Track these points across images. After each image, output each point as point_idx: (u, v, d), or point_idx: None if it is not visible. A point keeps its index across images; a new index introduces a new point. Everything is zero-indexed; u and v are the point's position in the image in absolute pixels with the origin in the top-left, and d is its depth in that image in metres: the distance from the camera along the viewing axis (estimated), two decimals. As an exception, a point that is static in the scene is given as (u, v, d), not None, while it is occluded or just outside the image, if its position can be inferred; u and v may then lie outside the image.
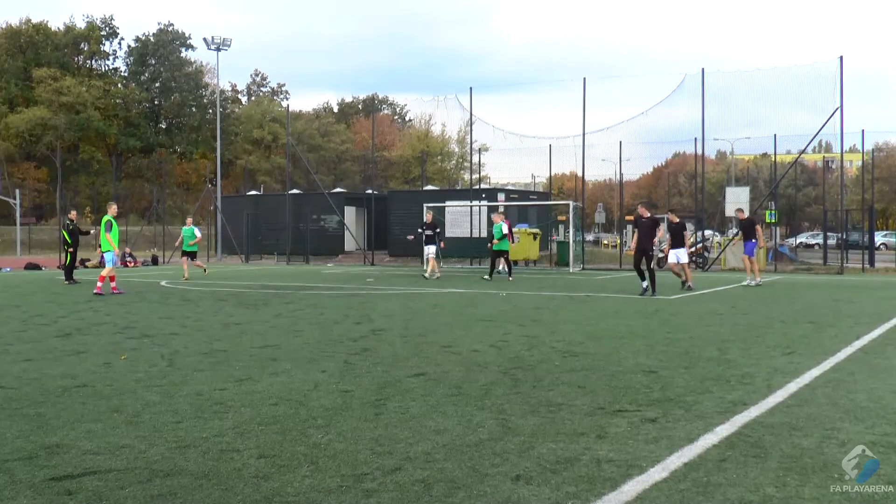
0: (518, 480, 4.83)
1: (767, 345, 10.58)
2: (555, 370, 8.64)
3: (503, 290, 20.37)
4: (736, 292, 20.23)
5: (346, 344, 10.68)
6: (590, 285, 22.40)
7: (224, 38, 52.41)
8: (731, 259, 32.71)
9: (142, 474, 4.96)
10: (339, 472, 5.01)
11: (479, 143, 45.13)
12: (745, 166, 71.69)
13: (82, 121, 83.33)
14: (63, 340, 11.17)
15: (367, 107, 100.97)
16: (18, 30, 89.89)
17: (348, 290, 21.08)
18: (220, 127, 55.06)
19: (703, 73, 32.21)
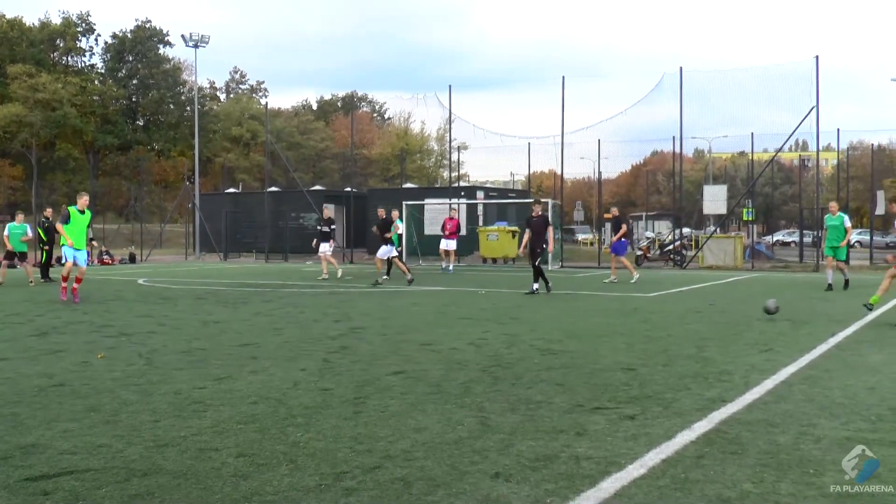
0: (497, 478, 4.84)
1: (745, 342, 10.65)
2: (534, 368, 8.66)
3: (482, 287, 20.38)
4: (714, 290, 20.35)
5: (325, 342, 10.66)
6: (569, 283, 22.45)
7: (202, 35, 52.14)
8: (708, 257, 32.88)
9: (119, 474, 4.94)
10: (318, 470, 5.00)
11: (458, 141, 45.21)
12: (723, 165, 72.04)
13: (58, 118, 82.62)
14: (39, 339, 11.09)
15: (347, 104, 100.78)
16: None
17: (327, 288, 21.04)
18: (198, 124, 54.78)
19: (681, 72, 32.35)
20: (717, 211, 36.90)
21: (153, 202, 66.48)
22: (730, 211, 38.51)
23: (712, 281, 23.86)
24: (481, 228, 37.02)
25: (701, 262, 33.08)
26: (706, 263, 32.65)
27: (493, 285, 21.47)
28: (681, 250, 34.21)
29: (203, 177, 65.06)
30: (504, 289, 20.32)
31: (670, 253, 34.63)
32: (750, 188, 39.40)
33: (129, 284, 22.83)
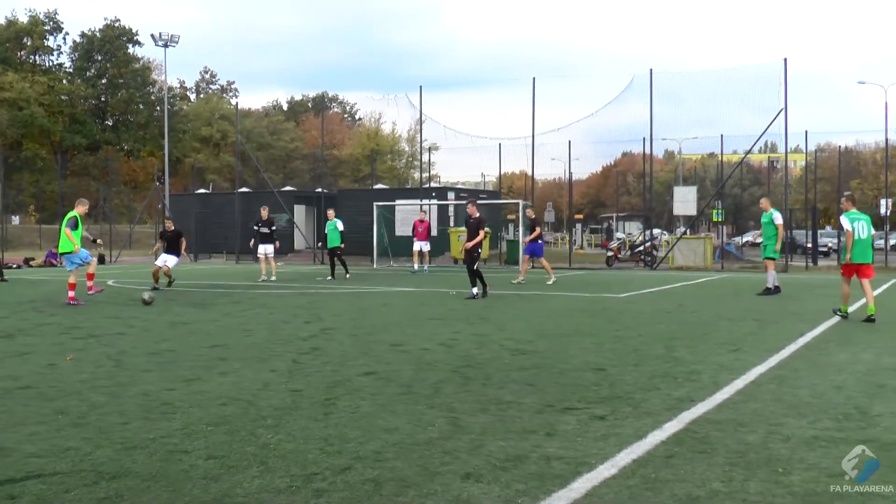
0: (468, 479, 4.85)
1: (714, 342, 10.73)
2: (504, 368, 8.68)
3: (453, 288, 20.39)
4: (683, 291, 20.48)
5: (295, 343, 10.62)
6: (539, 284, 22.51)
7: (172, 35, 51.94)
8: (678, 258, 33.08)
9: (87, 477, 4.89)
10: (288, 472, 4.98)
11: (429, 141, 45.17)
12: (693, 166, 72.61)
13: (25, 117, 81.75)
14: (5, 342, 10.97)
15: (317, 105, 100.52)
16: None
17: (297, 289, 20.96)
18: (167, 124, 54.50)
19: (651, 74, 32.53)
20: (688, 212, 37.13)
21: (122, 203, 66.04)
22: (700, 212, 38.77)
23: (682, 282, 24.02)
24: (452, 229, 37.03)
25: (671, 262, 33.28)
26: (676, 264, 32.85)
27: (463, 286, 21.49)
28: (651, 251, 34.40)
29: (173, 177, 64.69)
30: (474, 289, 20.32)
31: (640, 254, 34.80)
32: (719, 189, 39.70)
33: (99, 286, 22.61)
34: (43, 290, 20.97)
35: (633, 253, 35.73)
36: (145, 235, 58.57)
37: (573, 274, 28.98)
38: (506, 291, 19.69)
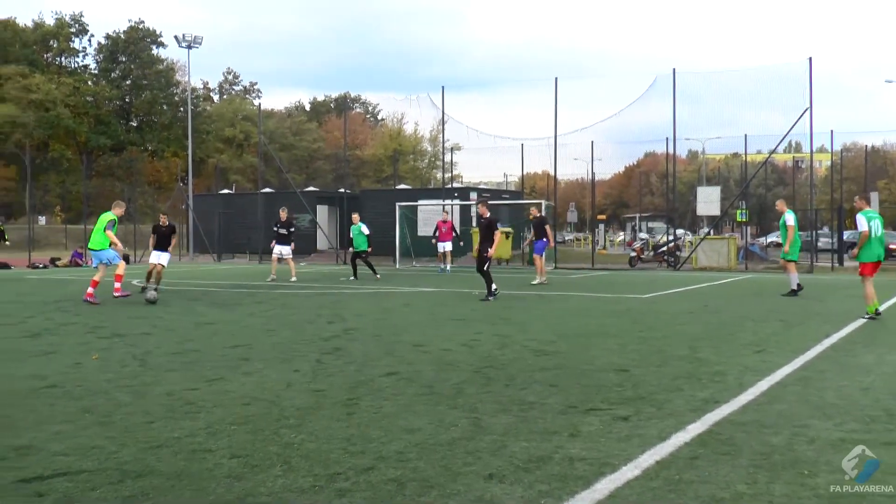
0: (491, 479, 4.84)
1: (738, 343, 10.66)
2: (527, 369, 8.66)
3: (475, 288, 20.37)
4: (707, 291, 20.37)
5: (318, 343, 10.65)
6: (562, 284, 22.46)
7: (195, 36, 52.20)
8: (702, 258, 32.91)
9: (113, 475, 4.93)
10: (311, 471, 5.00)
11: (451, 142, 45.19)
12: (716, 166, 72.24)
13: (52, 118, 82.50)
14: (31, 341, 11.06)
15: (340, 105, 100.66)
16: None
17: (320, 289, 21.02)
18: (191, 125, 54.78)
19: (674, 74, 32.38)
20: (711, 212, 36.92)
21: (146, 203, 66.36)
22: (723, 212, 38.54)
23: (706, 282, 23.89)
24: (475, 229, 36.98)
25: (694, 263, 33.12)
26: (700, 265, 32.68)
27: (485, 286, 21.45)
28: (674, 251, 34.24)
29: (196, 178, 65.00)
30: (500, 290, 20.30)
31: (664, 254, 34.65)
32: (743, 189, 39.47)
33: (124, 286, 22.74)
34: (68, 289, 21.13)
35: (657, 253, 35.57)
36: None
37: (596, 274, 28.90)
38: (529, 292, 19.65)
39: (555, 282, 23.35)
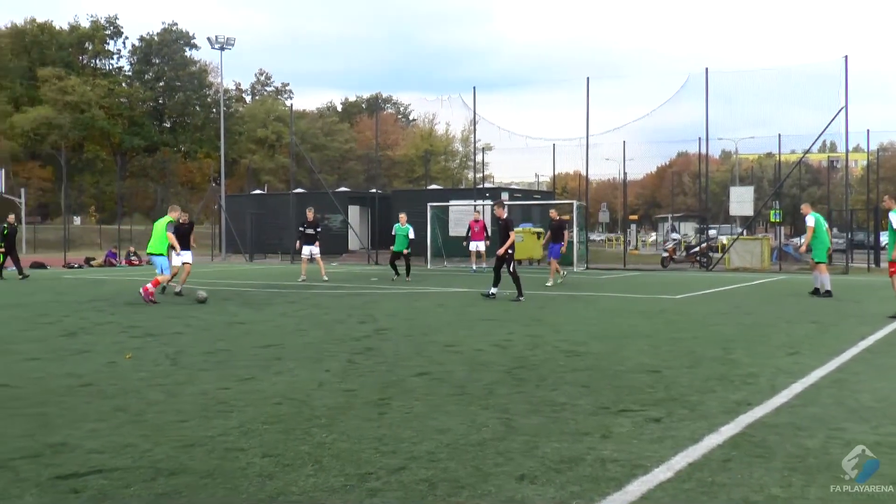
0: (522, 480, 4.83)
1: (772, 345, 10.57)
2: (558, 370, 8.64)
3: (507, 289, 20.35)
4: (740, 292, 20.21)
5: (349, 343, 10.68)
6: (593, 285, 22.38)
7: (228, 38, 52.47)
8: (735, 259, 32.66)
9: (146, 473, 4.97)
10: (343, 471, 5.01)
11: (482, 142, 45.19)
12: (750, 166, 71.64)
13: (87, 120, 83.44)
14: (67, 339, 11.19)
15: (371, 106, 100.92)
16: (23, 29, 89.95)
17: (352, 289, 21.07)
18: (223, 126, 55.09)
19: (706, 73, 32.16)
20: (744, 212, 36.66)
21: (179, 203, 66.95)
22: (757, 212, 38.23)
23: (739, 283, 23.71)
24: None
25: (727, 264, 32.88)
26: (732, 265, 32.44)
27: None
28: (707, 252, 34.01)
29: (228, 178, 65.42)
30: (527, 290, 20.28)
31: (696, 255, 34.42)
32: (777, 189, 39.14)
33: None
34: (103, 289, 21.34)
35: (689, 254, 35.35)
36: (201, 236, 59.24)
37: (628, 275, 28.76)
38: (559, 293, 19.60)
39: (586, 282, 23.27)
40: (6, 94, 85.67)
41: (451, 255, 36.25)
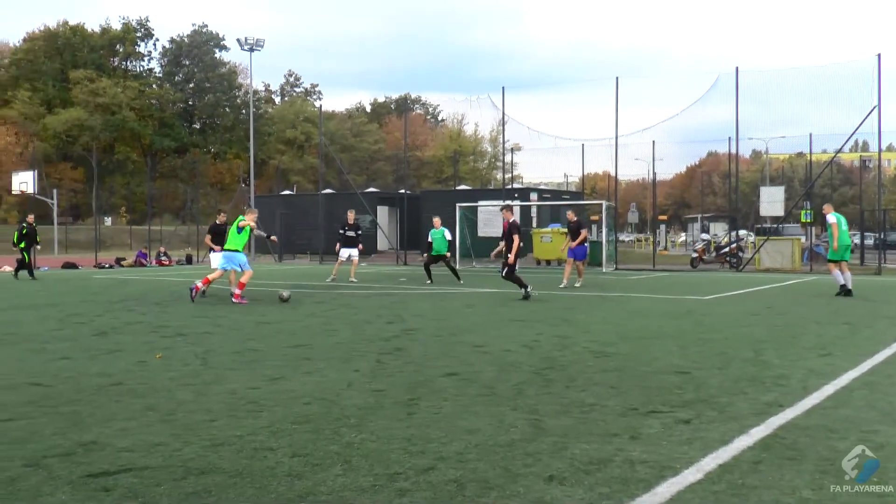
0: (551, 481, 4.82)
1: (803, 346, 10.48)
2: (587, 370, 8.61)
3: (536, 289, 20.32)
4: (770, 293, 20.05)
5: (378, 343, 10.70)
6: (622, 285, 22.29)
7: (257, 39, 52.70)
8: (765, 259, 32.41)
9: (176, 472, 5.00)
10: (371, 471, 5.02)
11: (511, 142, 45.11)
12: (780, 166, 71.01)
13: (118, 121, 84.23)
14: (99, 339, 11.29)
15: (400, 106, 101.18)
16: (56, 32, 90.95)
17: (380, 289, 21.11)
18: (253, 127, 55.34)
19: (737, 73, 31.94)
20: (775, 213, 36.37)
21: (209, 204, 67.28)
22: (787, 213, 37.92)
23: (769, 284, 23.52)
24: (535, 230, 36.91)
25: (757, 264, 32.63)
26: (763, 266, 32.19)
27: (545, 287, 21.38)
28: (737, 252, 33.76)
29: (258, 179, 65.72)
30: (556, 291, 20.24)
31: (726, 255, 34.18)
32: (808, 189, 38.78)
33: (186, 286, 23.12)
34: (133, 289, 21.52)
35: (719, 254, 35.12)
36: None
37: (657, 275, 28.62)
38: (590, 293, 19.54)
39: (616, 283, 23.17)
40: (39, 96, 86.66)
41: (479, 256, 36.23)
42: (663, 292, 19.95)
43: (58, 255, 50.14)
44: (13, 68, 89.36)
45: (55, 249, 57.83)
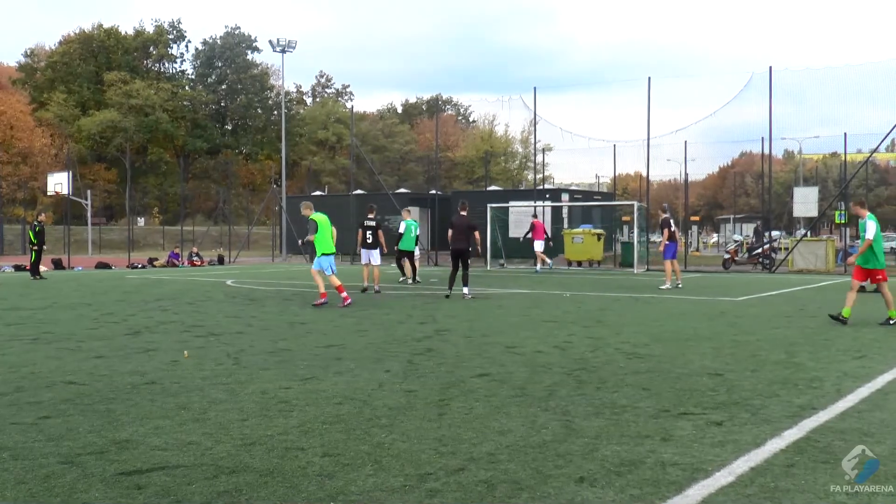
0: (582, 482, 4.80)
1: (837, 348, 10.37)
2: (619, 372, 8.57)
3: (567, 290, 20.25)
4: (804, 295, 19.86)
5: (410, 344, 10.71)
6: (654, 286, 22.16)
7: (289, 41, 53.03)
8: (799, 261, 32.11)
9: (208, 471, 5.04)
10: (402, 471, 5.03)
11: (542, 143, 45.03)
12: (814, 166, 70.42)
13: (151, 123, 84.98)
14: (132, 338, 11.39)
15: (431, 107, 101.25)
16: (91, 35, 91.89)
17: (412, 290, 21.13)
18: (284, 128, 55.67)
19: (770, 72, 31.66)
20: (808, 213, 36.04)
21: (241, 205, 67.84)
22: (821, 214, 37.55)
23: (802, 285, 23.30)
24: (566, 231, 36.81)
25: (790, 265, 32.33)
26: (796, 267, 31.89)
27: (577, 288, 21.32)
28: (769, 253, 33.47)
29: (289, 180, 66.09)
30: (589, 291, 20.17)
31: (759, 256, 33.90)
32: (842, 190, 38.35)
33: (218, 286, 23.29)
34: (166, 289, 21.70)
35: (751, 255, 34.83)
36: (262, 237, 60.04)
37: (689, 276, 28.44)
38: (623, 294, 19.45)
39: (647, 284, 23.04)
40: (74, 98, 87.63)
41: (510, 257, 36.19)
42: (695, 293, 19.82)
43: (91, 255, 50.65)
44: (49, 71, 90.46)
45: (89, 249, 58.44)
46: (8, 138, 72.37)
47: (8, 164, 69.13)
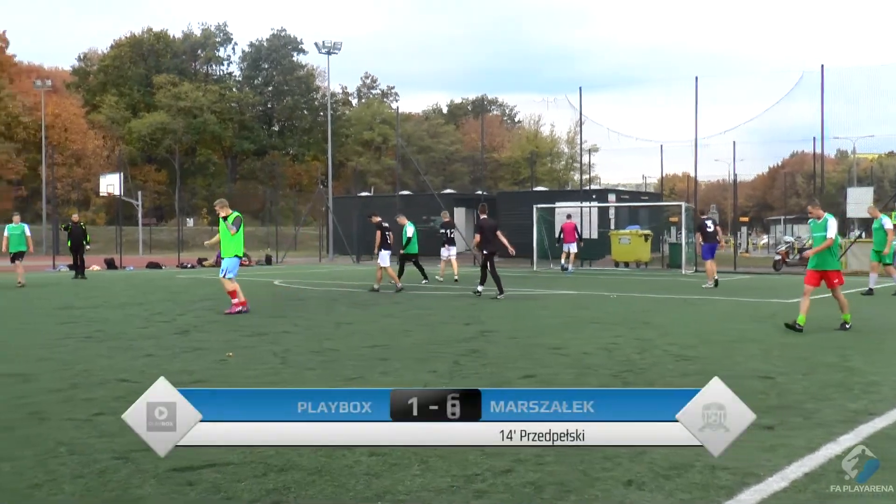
0: (630, 485, 4.76)
1: (892, 352, 10.19)
2: (667, 374, 8.49)
3: (613, 291, 20.12)
4: (858, 297, 19.52)
5: (455, 345, 10.70)
6: (703, 287, 21.92)
7: (335, 42, 53.27)
8: (852, 262, 31.59)
9: (257, 469, 5.07)
10: (449, 472, 5.01)
11: (588, 143, 44.80)
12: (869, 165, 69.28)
13: (199, 124, 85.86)
14: (181, 337, 11.51)
15: (477, 108, 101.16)
16: (140, 39, 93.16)
17: (457, 290, 21.12)
18: (330, 129, 55.97)
19: (822, 70, 31.19)
20: (862, 214, 35.42)
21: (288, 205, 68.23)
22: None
23: (855, 287, 22.90)
24: (613, 232, 36.55)
25: (844, 267, 31.81)
26: (850, 269, 31.37)
27: (624, 289, 21.16)
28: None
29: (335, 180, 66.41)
30: (635, 293, 20.01)
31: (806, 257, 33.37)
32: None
33: (266, 286, 23.48)
34: (215, 289, 21.89)
35: (803, 257, 34.31)
36: (309, 237, 60.36)
37: (738, 278, 28.12)
38: (672, 295, 19.28)
39: (696, 285, 22.83)
40: (125, 100, 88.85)
41: (557, 257, 36.01)
42: (745, 295, 19.59)
43: (142, 255, 51.35)
44: (101, 74, 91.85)
45: (140, 250, 59.24)
46: (63, 140, 73.59)
47: (62, 166, 70.20)
